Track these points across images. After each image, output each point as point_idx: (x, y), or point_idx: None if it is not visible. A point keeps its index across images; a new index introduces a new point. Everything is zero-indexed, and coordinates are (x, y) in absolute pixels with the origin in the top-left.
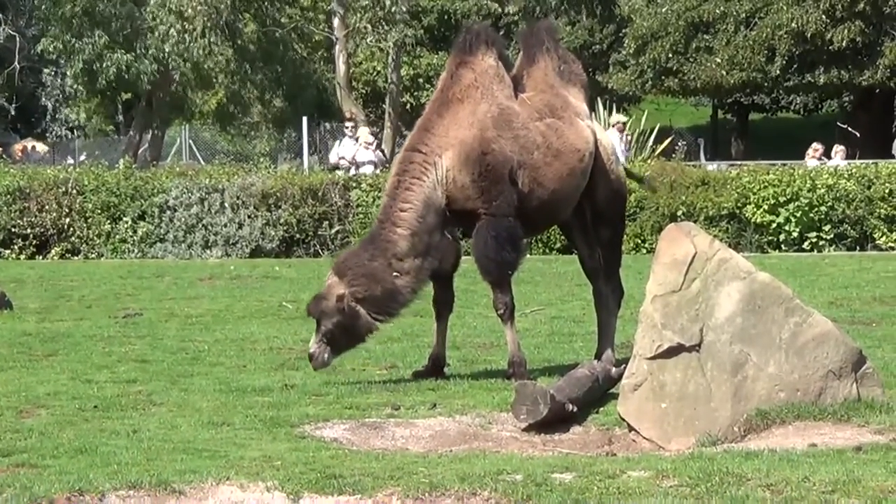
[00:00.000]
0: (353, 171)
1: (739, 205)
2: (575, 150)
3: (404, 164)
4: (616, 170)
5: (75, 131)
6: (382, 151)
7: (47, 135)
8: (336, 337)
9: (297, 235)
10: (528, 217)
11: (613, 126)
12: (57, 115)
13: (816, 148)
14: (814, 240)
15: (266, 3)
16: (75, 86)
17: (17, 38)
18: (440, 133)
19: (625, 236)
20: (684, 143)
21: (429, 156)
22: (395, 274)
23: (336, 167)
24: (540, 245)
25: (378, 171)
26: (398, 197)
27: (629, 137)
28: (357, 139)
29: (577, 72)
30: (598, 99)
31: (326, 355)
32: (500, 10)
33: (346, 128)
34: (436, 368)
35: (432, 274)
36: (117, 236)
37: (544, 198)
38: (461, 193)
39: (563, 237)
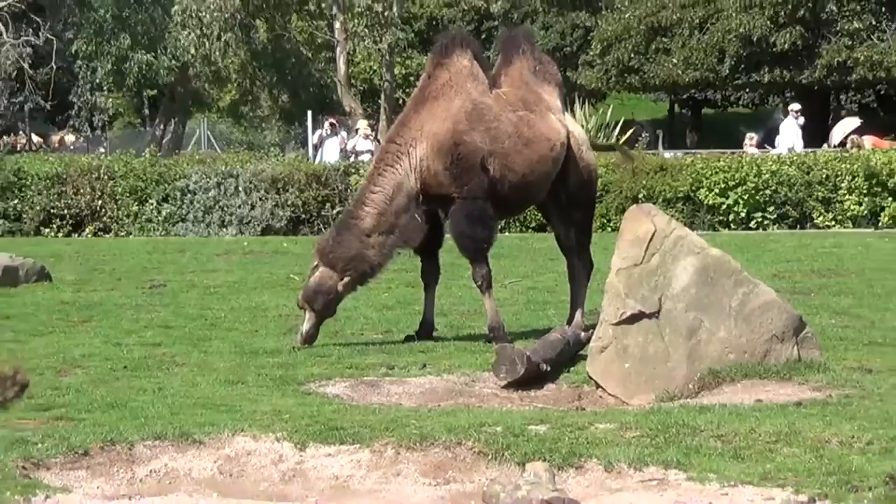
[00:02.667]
0: (352, 159)
1: (693, 188)
2: (545, 140)
3: (381, 154)
4: (587, 158)
5: (106, 124)
6: (378, 141)
7: (81, 127)
8: (324, 316)
9: (303, 216)
10: (502, 198)
11: (792, 111)
12: (89, 110)
13: (751, 136)
14: (759, 219)
15: (275, 11)
16: (105, 83)
17: (54, 41)
18: (415, 127)
19: (594, 217)
20: (646, 134)
21: (402, 146)
22: (365, 248)
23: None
24: (517, 224)
25: (368, 157)
26: (371, 181)
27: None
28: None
29: (551, 72)
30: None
31: (316, 332)
32: (482, 13)
33: (323, 127)
34: (425, 333)
35: (420, 250)
36: (144, 216)
37: (515, 181)
38: (434, 180)
39: (538, 217)
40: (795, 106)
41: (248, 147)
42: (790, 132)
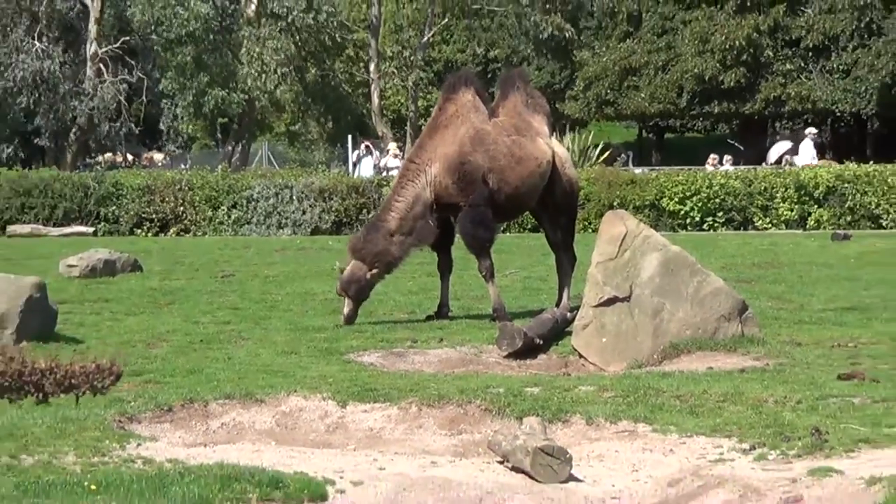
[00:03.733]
0: (383, 174)
1: (657, 198)
2: (534, 159)
3: (403, 171)
4: (569, 173)
5: (186, 145)
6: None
7: (166, 148)
8: (360, 300)
9: (345, 219)
10: (499, 206)
11: (809, 135)
12: (173, 134)
13: (714, 157)
14: (710, 223)
15: (322, 55)
16: (186, 113)
17: (145, 80)
18: (430, 150)
19: (576, 220)
20: (624, 155)
21: (420, 165)
22: (389, 245)
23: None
24: (516, 226)
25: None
26: (396, 192)
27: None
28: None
29: (541, 104)
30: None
31: (354, 314)
32: (488, 58)
33: (360, 148)
34: (442, 314)
35: (435, 247)
36: (216, 220)
37: (510, 192)
38: (445, 192)
39: (533, 220)
40: (812, 130)
41: (300, 164)
42: (807, 151)
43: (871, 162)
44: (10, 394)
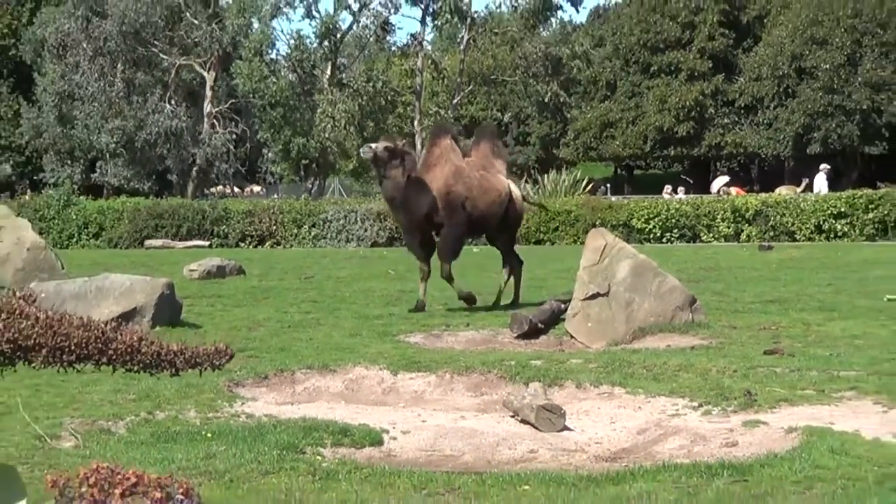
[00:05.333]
0: None
1: (629, 218)
2: (496, 190)
3: None
4: (518, 204)
5: (278, 181)
6: None
7: (263, 182)
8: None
9: (396, 235)
10: (471, 225)
11: (823, 169)
12: (268, 172)
13: (668, 188)
14: (668, 237)
15: (378, 113)
16: (276, 157)
17: (247, 131)
18: (427, 181)
19: (567, 235)
20: (603, 188)
21: None
22: None
23: None
24: (524, 239)
25: None
26: None
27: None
28: None
29: (503, 152)
30: (558, 162)
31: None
32: (502, 116)
33: None
34: (419, 309)
35: (423, 258)
36: (300, 236)
37: (478, 215)
38: (437, 215)
39: (536, 234)
40: (826, 166)
41: (362, 194)
42: (821, 182)
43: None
44: (151, 369)
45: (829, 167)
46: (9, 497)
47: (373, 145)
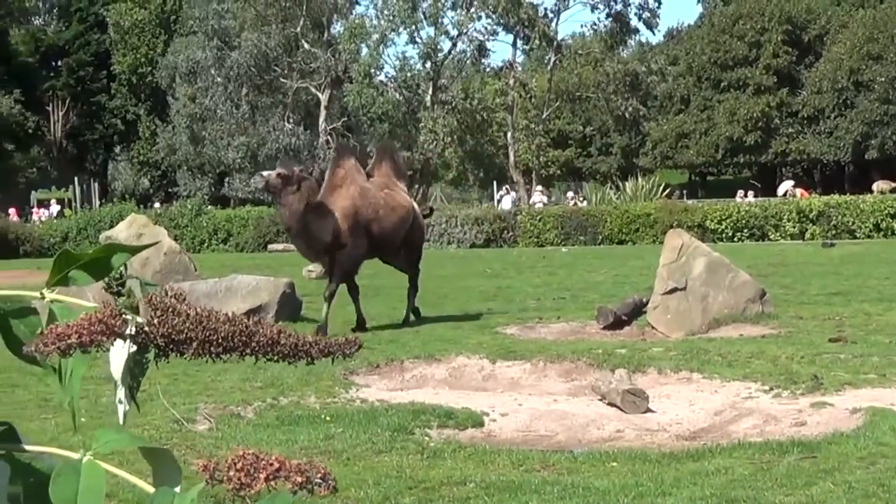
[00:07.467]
0: (526, 208)
1: (703, 220)
2: (402, 207)
3: None
4: (420, 221)
5: None
6: (547, 195)
7: None
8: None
9: (491, 238)
10: (377, 244)
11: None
12: None
13: (741, 192)
14: (739, 237)
15: (475, 127)
16: None
17: (358, 146)
18: (331, 203)
19: (647, 236)
20: (678, 192)
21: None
22: None
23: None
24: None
25: (541, 205)
26: None
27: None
28: (503, 197)
29: (403, 170)
30: (637, 170)
31: None
32: (582, 130)
33: (502, 190)
34: (359, 326)
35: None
36: None
37: (384, 235)
38: (343, 236)
39: (549, 237)
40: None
41: (461, 201)
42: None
43: (848, 194)
44: (289, 359)
45: (893, 186)
46: (166, 479)
47: (265, 173)
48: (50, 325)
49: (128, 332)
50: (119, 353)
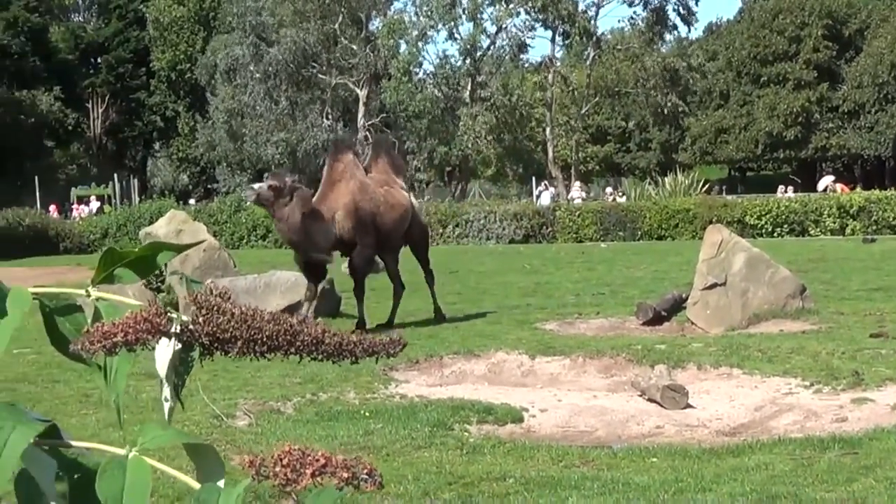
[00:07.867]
0: (559, 200)
1: (742, 215)
2: (401, 205)
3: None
4: (422, 221)
5: (425, 186)
6: (585, 190)
7: (411, 188)
8: None
9: (530, 233)
10: (378, 242)
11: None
12: (414, 178)
13: (782, 187)
14: (779, 232)
15: (514, 123)
16: (422, 164)
17: (396, 142)
18: (332, 199)
19: (686, 231)
20: (718, 188)
21: (326, 213)
22: None
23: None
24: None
25: (579, 201)
26: None
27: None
28: (542, 193)
29: (401, 166)
30: (676, 166)
31: None
32: (621, 126)
33: (541, 185)
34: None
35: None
36: (445, 234)
37: (386, 231)
38: (348, 234)
39: (585, 233)
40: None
41: (500, 196)
42: None
43: (889, 189)
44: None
45: None
46: (210, 475)
47: (255, 186)
48: (96, 324)
49: (173, 330)
50: (164, 351)
